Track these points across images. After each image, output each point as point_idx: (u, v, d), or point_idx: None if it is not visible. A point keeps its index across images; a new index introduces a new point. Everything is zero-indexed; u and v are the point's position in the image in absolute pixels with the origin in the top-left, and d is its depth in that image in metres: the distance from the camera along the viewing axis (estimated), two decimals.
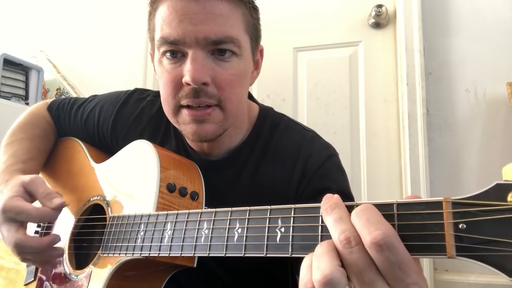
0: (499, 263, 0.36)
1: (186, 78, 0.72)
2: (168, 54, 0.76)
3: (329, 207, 0.44)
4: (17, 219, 0.78)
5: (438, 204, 0.40)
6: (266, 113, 0.94)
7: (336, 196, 0.46)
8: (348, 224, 0.42)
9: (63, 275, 0.85)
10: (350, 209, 0.44)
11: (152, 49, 0.84)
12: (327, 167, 0.85)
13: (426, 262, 1.64)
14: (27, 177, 0.83)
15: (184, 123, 0.78)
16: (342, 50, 1.97)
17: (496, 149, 1.63)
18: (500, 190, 0.37)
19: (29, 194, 0.81)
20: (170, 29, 0.73)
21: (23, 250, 0.78)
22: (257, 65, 0.88)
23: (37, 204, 0.80)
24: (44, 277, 0.90)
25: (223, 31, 0.73)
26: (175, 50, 0.75)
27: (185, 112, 0.77)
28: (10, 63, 2.27)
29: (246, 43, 0.79)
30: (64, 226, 0.92)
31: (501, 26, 1.67)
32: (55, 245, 0.80)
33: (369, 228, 0.40)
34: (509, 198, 0.36)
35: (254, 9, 0.82)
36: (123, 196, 0.80)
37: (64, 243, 0.89)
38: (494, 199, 0.37)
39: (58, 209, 0.78)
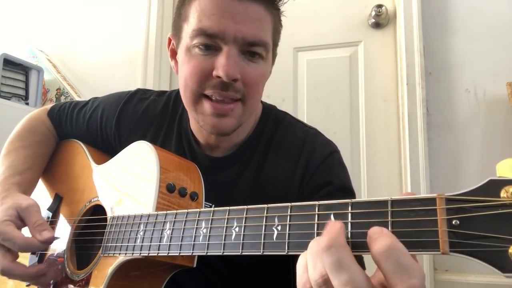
0: (492, 258, 0.36)
1: (219, 72, 0.74)
2: (202, 46, 0.77)
3: (328, 246, 0.41)
4: (4, 245, 0.80)
5: (432, 201, 0.40)
6: (269, 110, 0.96)
7: (339, 226, 0.42)
8: (349, 274, 0.39)
9: (64, 275, 0.85)
10: (344, 207, 0.45)
11: (175, 35, 0.85)
12: (329, 162, 0.87)
13: (426, 262, 1.64)
14: (23, 202, 0.84)
15: (204, 114, 0.80)
16: (342, 50, 1.97)
17: (496, 149, 1.63)
18: (493, 186, 0.37)
19: (21, 220, 0.83)
20: (210, 22, 0.75)
21: (10, 276, 0.81)
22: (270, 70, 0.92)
23: (27, 231, 0.82)
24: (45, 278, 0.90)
25: (259, 34, 0.77)
26: (210, 44, 0.76)
27: (207, 105, 0.79)
28: (10, 63, 2.27)
29: (271, 49, 0.83)
30: (66, 227, 0.92)
31: (501, 26, 1.68)
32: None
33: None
34: (502, 194, 0.37)
35: (279, 20, 0.86)
36: (123, 196, 0.81)
37: (65, 243, 0.89)
38: (487, 195, 0.37)
39: (47, 242, 0.81)
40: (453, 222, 0.38)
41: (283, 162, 0.87)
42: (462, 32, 1.74)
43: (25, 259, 0.92)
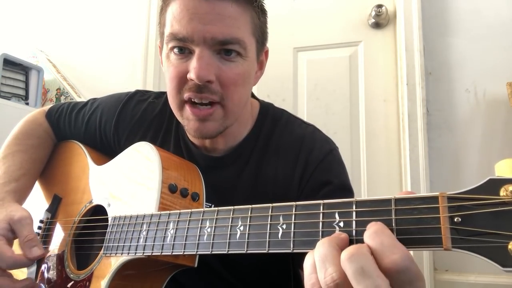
0: (492, 254, 0.38)
1: (191, 75, 0.74)
2: (176, 50, 0.77)
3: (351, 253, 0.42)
4: None
5: (434, 199, 0.41)
6: (266, 109, 0.95)
7: (365, 247, 0.43)
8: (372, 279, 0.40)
9: (64, 275, 0.85)
10: (349, 205, 0.45)
11: (160, 43, 0.86)
12: (328, 161, 0.87)
13: (426, 262, 1.64)
14: (16, 214, 0.83)
15: (188, 119, 0.80)
16: (342, 50, 1.97)
17: (496, 149, 1.64)
18: (493, 185, 0.39)
19: (13, 232, 0.82)
20: (179, 26, 0.75)
21: None
22: (261, 66, 0.90)
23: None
24: (45, 278, 0.90)
25: (230, 32, 0.75)
26: (183, 47, 0.77)
27: (187, 110, 0.79)
28: (10, 63, 2.28)
29: (252, 45, 0.81)
30: (65, 227, 0.92)
31: (501, 26, 1.68)
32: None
33: None
34: (501, 193, 0.38)
35: (262, 13, 0.83)
36: (125, 197, 0.81)
37: (65, 244, 0.89)
38: (488, 194, 0.39)
39: (35, 260, 0.81)
40: (455, 220, 0.40)
41: (282, 161, 0.87)
42: (462, 32, 1.74)
43: None
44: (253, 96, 0.97)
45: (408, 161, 1.71)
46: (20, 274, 0.94)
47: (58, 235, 0.93)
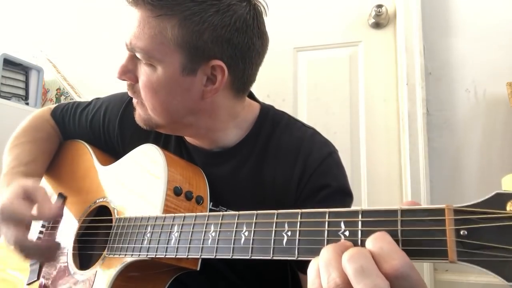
0: (497, 268, 0.38)
1: None
2: None
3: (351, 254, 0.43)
4: (15, 218, 0.79)
5: (440, 211, 0.41)
6: (267, 111, 0.95)
7: (366, 249, 0.44)
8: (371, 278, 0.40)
9: (67, 274, 0.86)
10: (355, 215, 0.45)
11: None
12: (327, 164, 0.86)
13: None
14: (29, 182, 0.85)
15: None
16: (342, 50, 1.97)
17: (496, 149, 1.64)
18: (499, 199, 0.39)
19: (27, 197, 0.82)
20: None
21: (22, 249, 0.80)
22: (212, 81, 0.80)
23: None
24: (47, 277, 0.90)
25: (135, 40, 0.77)
26: None
27: None
28: (10, 63, 2.28)
29: (169, 57, 0.77)
30: (69, 226, 0.93)
31: (501, 26, 1.68)
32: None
33: None
34: (508, 207, 0.38)
35: (201, 24, 0.75)
36: (130, 198, 0.82)
37: (69, 243, 0.90)
38: (494, 208, 0.39)
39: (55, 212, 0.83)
40: (461, 232, 0.40)
41: (281, 163, 0.87)
42: (462, 32, 1.75)
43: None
44: (253, 98, 0.97)
45: (408, 161, 1.72)
46: (22, 271, 0.94)
47: (62, 234, 0.94)
